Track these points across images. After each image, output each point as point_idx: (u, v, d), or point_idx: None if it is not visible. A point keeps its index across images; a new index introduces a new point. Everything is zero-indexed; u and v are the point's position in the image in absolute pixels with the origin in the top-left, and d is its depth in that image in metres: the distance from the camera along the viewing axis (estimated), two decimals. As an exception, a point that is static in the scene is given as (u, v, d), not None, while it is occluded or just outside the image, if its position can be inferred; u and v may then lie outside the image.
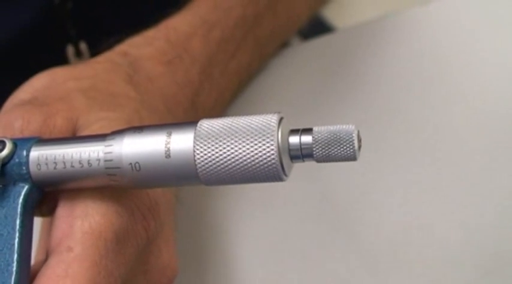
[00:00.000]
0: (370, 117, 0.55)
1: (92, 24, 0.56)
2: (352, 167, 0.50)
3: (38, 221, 0.39)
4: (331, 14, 1.04)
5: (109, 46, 0.47)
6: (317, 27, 1.00)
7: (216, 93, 0.51)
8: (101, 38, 0.51)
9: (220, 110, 0.52)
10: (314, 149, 0.32)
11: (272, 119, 0.32)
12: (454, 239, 0.49)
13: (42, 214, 0.38)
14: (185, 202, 0.49)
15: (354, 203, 0.51)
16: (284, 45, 0.64)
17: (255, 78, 0.57)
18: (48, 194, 0.36)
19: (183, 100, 0.47)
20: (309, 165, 0.34)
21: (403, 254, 0.48)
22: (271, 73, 0.58)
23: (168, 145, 0.33)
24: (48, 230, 0.38)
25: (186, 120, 0.46)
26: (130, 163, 0.33)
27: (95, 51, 0.53)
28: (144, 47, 0.47)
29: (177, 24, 0.50)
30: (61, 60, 0.54)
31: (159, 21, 0.50)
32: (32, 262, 0.37)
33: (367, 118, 0.55)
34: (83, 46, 0.54)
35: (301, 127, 0.33)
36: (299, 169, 0.35)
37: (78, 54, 0.55)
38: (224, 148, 0.32)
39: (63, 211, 0.35)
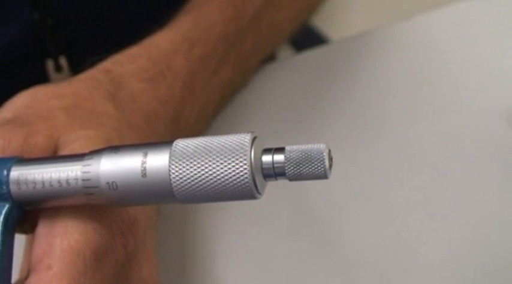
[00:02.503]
0: (357, 130, 0.56)
1: (72, 40, 0.56)
2: (333, 181, 0.51)
3: (22, 237, 0.40)
4: (324, 24, 1.05)
5: (92, 64, 0.47)
6: (310, 38, 1.01)
7: (199, 108, 0.51)
8: (80, 53, 0.52)
9: (203, 125, 0.53)
10: (286, 168, 0.33)
11: (245, 139, 0.33)
12: (437, 255, 0.49)
13: (24, 232, 0.39)
14: (167, 217, 0.49)
15: (335, 217, 0.51)
16: (271, 58, 0.64)
17: (245, 90, 0.58)
18: (30, 212, 0.37)
19: (165, 117, 0.48)
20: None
21: (383, 269, 0.49)
22: (262, 86, 0.59)
23: (144, 165, 0.33)
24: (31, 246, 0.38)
25: (168, 136, 0.47)
26: (108, 183, 0.34)
27: (76, 67, 0.54)
28: (126, 64, 0.48)
29: (159, 41, 0.50)
30: (41, 74, 0.55)
31: (142, 39, 0.50)
32: (17, 278, 0.38)
33: (354, 131, 0.56)
34: (63, 61, 0.55)
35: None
36: (280, 184, 0.36)
37: (58, 68, 0.55)
38: (199, 167, 0.33)
39: (43, 229, 0.36)
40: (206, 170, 0.33)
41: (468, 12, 0.64)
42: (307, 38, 0.97)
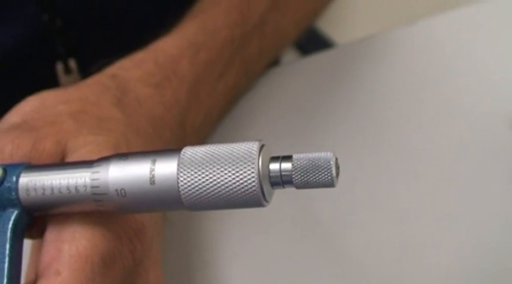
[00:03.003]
0: (361, 134, 0.56)
1: (81, 42, 0.57)
2: (339, 186, 0.51)
3: (28, 242, 0.40)
4: (330, 28, 1.05)
5: (99, 69, 0.48)
6: (316, 42, 1.01)
7: (204, 113, 0.52)
8: (89, 54, 0.52)
9: (208, 130, 0.53)
10: (293, 176, 0.33)
11: (253, 147, 0.33)
12: (443, 260, 0.49)
13: (32, 237, 0.39)
14: (173, 223, 0.49)
15: (341, 222, 0.51)
16: (275, 62, 0.65)
17: (251, 94, 0.58)
18: (38, 217, 0.37)
19: (171, 122, 0.48)
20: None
21: (389, 274, 0.49)
22: (267, 89, 0.59)
23: (152, 172, 0.34)
24: (38, 252, 0.39)
25: (174, 141, 0.48)
26: (116, 190, 0.34)
27: (85, 69, 0.54)
28: (132, 69, 0.48)
29: (165, 46, 0.51)
30: (51, 76, 0.55)
31: (148, 43, 0.51)
32: (23, 282, 0.38)
33: (359, 134, 0.56)
34: (72, 63, 0.55)
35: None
36: (286, 189, 0.36)
37: (68, 70, 0.56)
38: (207, 175, 0.33)
39: (51, 235, 0.36)
40: (214, 178, 0.33)
41: (472, 16, 0.64)
42: (312, 42, 0.97)
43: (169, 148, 0.35)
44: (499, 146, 0.55)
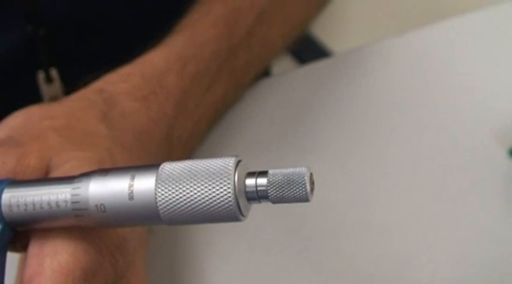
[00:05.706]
0: (355, 143, 0.57)
1: (65, 52, 0.57)
2: (327, 197, 0.52)
3: (16, 256, 0.41)
4: (327, 37, 1.06)
5: (85, 83, 0.48)
6: (313, 50, 1.02)
7: (191, 125, 0.52)
8: (72, 65, 0.53)
9: (195, 142, 0.54)
10: (269, 191, 0.33)
11: (229, 163, 0.34)
12: (437, 272, 0.50)
13: (16, 250, 0.40)
14: (157, 234, 0.50)
15: (324, 233, 0.52)
16: (265, 73, 0.65)
17: (242, 104, 0.59)
18: (22, 231, 0.38)
19: (157, 135, 0.48)
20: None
21: None
22: (261, 99, 0.59)
23: (131, 188, 0.34)
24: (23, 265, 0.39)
25: (160, 154, 0.48)
26: (96, 205, 0.35)
27: (67, 80, 0.55)
28: (119, 83, 0.49)
29: (152, 60, 0.51)
30: (32, 86, 0.56)
31: (134, 54, 0.51)
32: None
33: (352, 144, 0.57)
34: (54, 72, 0.56)
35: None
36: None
37: (49, 80, 0.56)
38: (184, 190, 0.34)
39: (34, 249, 0.37)
40: (191, 193, 0.34)
41: (470, 26, 0.64)
42: (308, 50, 0.98)
43: (149, 163, 0.36)
44: (485, 157, 0.55)
